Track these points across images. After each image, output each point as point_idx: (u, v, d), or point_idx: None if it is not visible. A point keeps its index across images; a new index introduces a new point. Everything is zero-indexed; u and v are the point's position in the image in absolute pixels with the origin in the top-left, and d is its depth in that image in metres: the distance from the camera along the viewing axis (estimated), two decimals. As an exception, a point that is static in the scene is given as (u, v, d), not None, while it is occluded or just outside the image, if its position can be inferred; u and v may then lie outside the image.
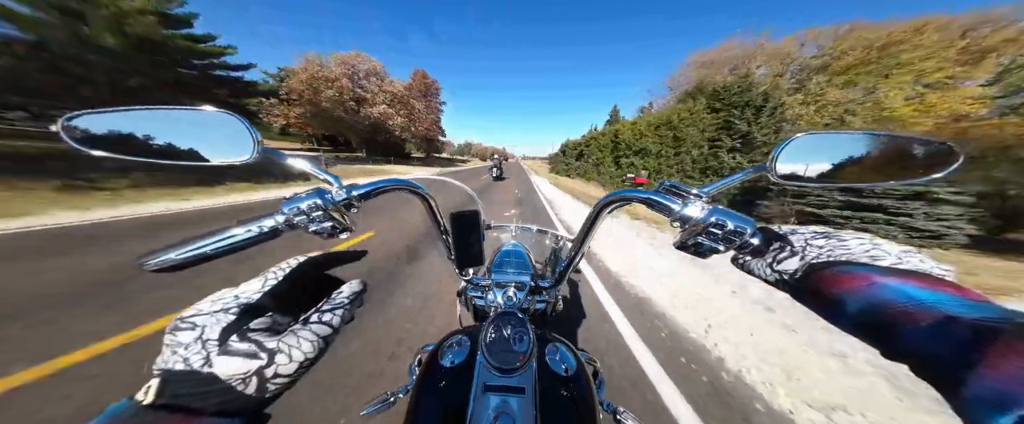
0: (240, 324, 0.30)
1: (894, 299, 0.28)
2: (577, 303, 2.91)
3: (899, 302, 0.27)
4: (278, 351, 0.30)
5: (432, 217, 0.76)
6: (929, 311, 0.25)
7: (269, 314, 0.33)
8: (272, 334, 0.32)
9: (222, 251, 0.41)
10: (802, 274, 0.36)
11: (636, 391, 1.92)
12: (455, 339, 0.66)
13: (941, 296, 0.26)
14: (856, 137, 0.46)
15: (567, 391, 0.57)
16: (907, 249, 0.34)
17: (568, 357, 0.62)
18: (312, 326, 0.34)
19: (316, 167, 0.52)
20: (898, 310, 0.27)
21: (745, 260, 0.44)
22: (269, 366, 0.29)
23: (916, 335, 0.25)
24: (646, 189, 0.53)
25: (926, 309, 0.26)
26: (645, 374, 2.05)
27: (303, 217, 0.47)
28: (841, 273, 0.32)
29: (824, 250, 0.36)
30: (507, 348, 0.59)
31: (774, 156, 0.48)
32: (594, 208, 0.63)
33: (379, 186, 0.56)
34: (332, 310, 0.36)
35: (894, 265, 0.32)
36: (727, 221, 0.43)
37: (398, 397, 0.79)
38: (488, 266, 1.11)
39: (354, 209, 0.53)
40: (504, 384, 0.54)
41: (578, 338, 2.38)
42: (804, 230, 0.41)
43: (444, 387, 0.58)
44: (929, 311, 0.25)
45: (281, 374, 0.30)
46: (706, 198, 0.49)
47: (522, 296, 0.91)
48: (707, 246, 0.46)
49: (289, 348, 0.31)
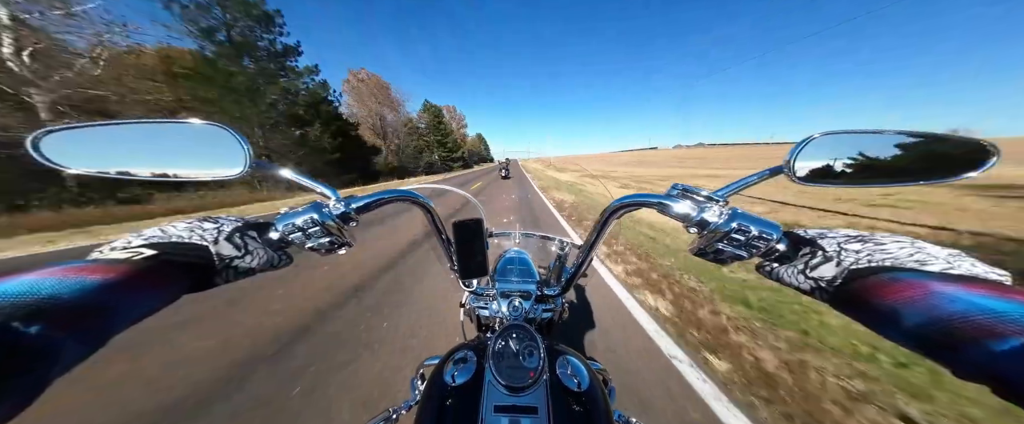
0: (242, 230, 0.41)
1: (963, 311, 0.25)
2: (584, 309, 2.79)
3: (971, 314, 0.24)
4: (248, 253, 0.40)
5: (434, 227, 0.74)
6: (1011, 325, 0.23)
7: (255, 231, 0.43)
8: (256, 243, 0.42)
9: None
10: (842, 281, 0.34)
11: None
12: (461, 354, 0.63)
13: (1019, 306, 0.24)
14: (878, 136, 0.44)
15: (581, 407, 0.55)
16: (955, 252, 0.31)
17: (580, 370, 0.60)
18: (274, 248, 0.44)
19: (312, 179, 0.50)
20: (970, 323, 0.24)
21: (772, 267, 0.42)
22: (242, 259, 0.39)
23: (998, 353, 0.22)
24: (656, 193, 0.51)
25: (1007, 322, 0.23)
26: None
27: (299, 234, 0.45)
28: (890, 280, 0.30)
29: (862, 255, 0.34)
30: (516, 364, 0.57)
31: (792, 156, 0.46)
32: (602, 215, 0.61)
33: (379, 197, 0.54)
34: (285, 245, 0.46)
35: (945, 270, 0.29)
36: (751, 226, 0.40)
37: (401, 413, 0.76)
38: (491, 274, 1.08)
39: (353, 223, 0.51)
40: (515, 404, 0.51)
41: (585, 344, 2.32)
42: (834, 233, 0.38)
43: (451, 407, 0.55)
44: (1011, 325, 0.23)
45: (241, 268, 0.39)
46: (723, 201, 0.46)
47: (528, 305, 0.88)
48: (729, 253, 0.43)
49: (255, 255, 0.40)
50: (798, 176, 0.47)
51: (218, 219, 0.40)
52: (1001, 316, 0.23)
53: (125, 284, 0.27)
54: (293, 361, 2.00)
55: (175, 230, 0.36)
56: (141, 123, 0.39)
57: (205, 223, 0.38)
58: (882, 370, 1.88)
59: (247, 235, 0.41)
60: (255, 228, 0.43)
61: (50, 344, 0.21)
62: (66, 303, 0.23)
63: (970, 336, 0.24)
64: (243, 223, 0.42)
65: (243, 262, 0.39)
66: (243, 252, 0.39)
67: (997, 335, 0.23)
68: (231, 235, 0.39)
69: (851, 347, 2.08)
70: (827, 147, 0.46)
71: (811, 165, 0.47)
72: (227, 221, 0.40)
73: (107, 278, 0.26)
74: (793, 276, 0.39)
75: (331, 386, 1.80)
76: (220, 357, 2.03)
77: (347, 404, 1.67)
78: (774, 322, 2.44)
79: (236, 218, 0.42)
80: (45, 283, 0.23)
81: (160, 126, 0.40)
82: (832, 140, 0.46)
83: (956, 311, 0.25)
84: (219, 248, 0.37)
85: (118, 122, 0.37)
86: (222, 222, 0.40)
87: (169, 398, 1.69)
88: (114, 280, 0.26)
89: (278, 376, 1.87)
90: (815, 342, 2.18)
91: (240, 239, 0.39)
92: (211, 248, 0.36)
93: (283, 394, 1.73)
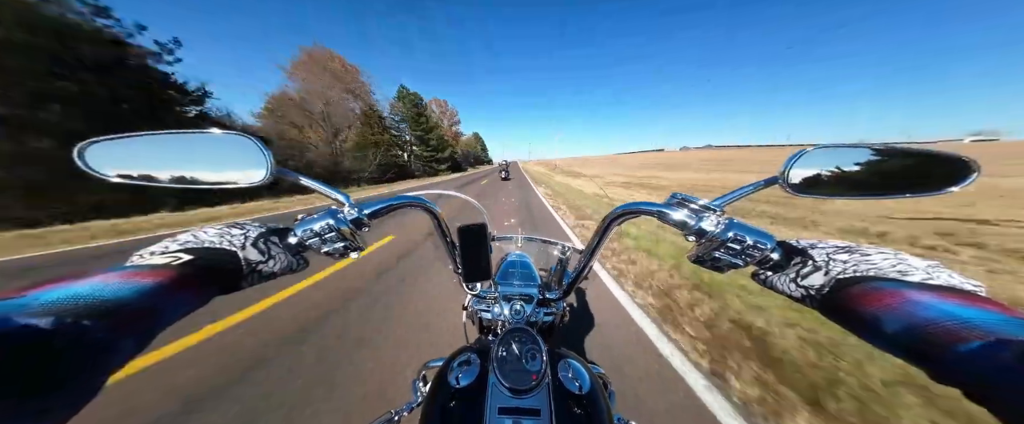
0: (265, 235, 0.43)
1: (936, 318, 0.27)
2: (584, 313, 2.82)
3: (942, 321, 0.26)
4: (271, 257, 0.42)
5: (439, 231, 0.76)
6: (976, 331, 0.24)
7: (276, 237, 0.45)
8: (278, 248, 0.44)
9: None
10: (829, 290, 0.36)
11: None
12: (464, 357, 0.64)
13: (985, 314, 0.26)
14: (868, 150, 0.46)
15: (582, 410, 0.56)
16: (934, 263, 0.33)
17: (582, 373, 0.61)
18: (292, 253, 0.46)
19: (327, 186, 0.52)
20: (942, 330, 0.26)
21: (767, 275, 0.44)
22: (266, 263, 0.41)
23: (966, 358, 0.24)
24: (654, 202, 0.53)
25: (972, 329, 0.25)
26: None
27: (316, 239, 0.47)
28: (872, 289, 0.32)
29: (849, 265, 0.36)
30: (519, 367, 0.58)
31: (786, 167, 0.48)
32: (603, 221, 0.63)
33: (390, 203, 0.56)
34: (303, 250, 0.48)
35: (924, 280, 0.31)
36: (746, 236, 0.42)
37: (403, 415, 0.77)
38: (493, 278, 1.09)
39: (365, 228, 0.53)
40: (518, 406, 0.53)
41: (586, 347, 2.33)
42: (825, 244, 0.40)
43: (455, 408, 0.56)
44: (976, 331, 0.24)
45: (264, 272, 0.41)
46: (720, 211, 0.48)
47: (529, 309, 0.90)
48: (726, 261, 0.46)
49: (277, 259, 0.42)
50: (792, 186, 0.49)
51: (244, 225, 0.42)
52: (966, 322, 0.25)
53: (169, 287, 0.29)
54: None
55: (206, 236, 0.38)
56: (172, 134, 0.41)
57: (233, 229, 0.40)
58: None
59: (270, 240, 0.43)
60: (276, 233, 0.45)
61: (112, 342, 0.24)
62: (124, 305, 0.25)
63: (941, 342, 0.25)
64: (266, 229, 0.44)
65: (267, 267, 0.41)
66: (267, 257, 0.41)
67: (962, 340, 0.24)
68: (256, 240, 0.41)
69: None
70: (820, 159, 0.48)
71: (805, 175, 0.49)
72: (252, 227, 0.42)
73: (157, 282, 0.28)
74: (785, 284, 0.41)
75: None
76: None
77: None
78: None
79: (260, 224, 0.44)
80: (109, 287, 0.25)
81: (187, 136, 0.43)
82: (825, 153, 0.48)
83: (929, 318, 0.27)
84: (246, 253, 0.39)
85: (152, 133, 0.40)
86: (248, 228, 0.42)
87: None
88: (161, 284, 0.28)
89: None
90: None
91: (264, 244, 0.41)
92: (239, 253, 0.38)
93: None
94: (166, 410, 1.78)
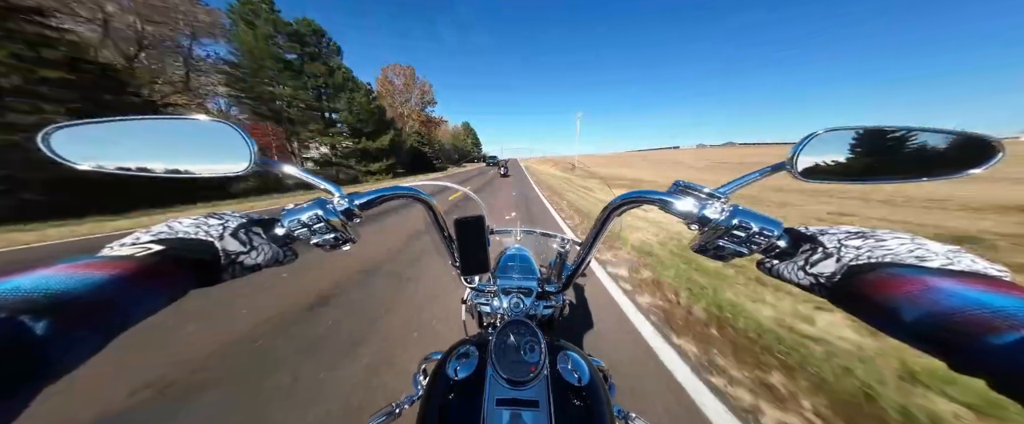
0: (247, 226, 0.41)
1: (961, 306, 0.25)
2: (583, 306, 2.85)
3: (968, 310, 0.24)
4: (254, 248, 0.40)
5: (436, 224, 0.74)
6: (1007, 320, 0.23)
7: (260, 228, 0.44)
8: (261, 239, 0.42)
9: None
10: (841, 277, 0.34)
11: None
12: (463, 349, 0.64)
13: (1017, 302, 0.24)
14: (882, 132, 0.44)
15: (581, 401, 0.55)
16: (955, 248, 0.31)
17: (581, 365, 0.60)
18: (279, 244, 0.45)
19: (315, 176, 0.50)
20: (968, 318, 0.24)
21: (773, 264, 0.42)
22: (248, 254, 0.39)
23: (998, 349, 0.22)
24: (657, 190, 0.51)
25: (1003, 317, 0.23)
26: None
27: (304, 230, 0.45)
28: (889, 276, 0.30)
29: (862, 251, 0.34)
30: (518, 358, 0.57)
31: (795, 152, 0.46)
32: (602, 212, 0.61)
33: (382, 194, 0.54)
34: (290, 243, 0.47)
35: (945, 266, 0.29)
36: (751, 223, 0.40)
37: (404, 408, 0.76)
38: (492, 271, 1.08)
39: (357, 219, 0.51)
40: (517, 397, 0.52)
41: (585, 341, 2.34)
42: (835, 230, 0.38)
43: (454, 401, 0.56)
44: (1007, 320, 0.23)
45: (246, 263, 0.40)
46: (724, 198, 0.46)
47: (528, 302, 0.89)
48: (730, 250, 0.44)
49: (260, 250, 0.41)
50: (800, 172, 0.47)
51: (223, 215, 0.41)
52: (998, 311, 0.23)
53: (131, 280, 0.27)
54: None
55: (181, 226, 0.36)
56: (148, 119, 0.39)
57: (210, 219, 0.39)
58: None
59: (252, 231, 0.41)
60: (260, 224, 0.44)
61: (59, 338, 0.22)
62: (74, 299, 0.24)
63: (968, 331, 0.24)
64: (248, 219, 0.42)
65: (248, 258, 0.39)
66: (248, 248, 0.39)
67: (994, 330, 0.23)
68: (236, 231, 0.39)
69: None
70: (831, 144, 0.46)
71: (814, 161, 0.47)
72: (232, 217, 0.41)
73: (113, 274, 0.27)
74: (793, 272, 0.39)
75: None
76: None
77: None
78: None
79: (241, 214, 0.43)
80: (54, 279, 0.24)
81: (167, 122, 0.41)
82: (835, 136, 0.46)
83: (954, 306, 0.25)
84: (224, 244, 0.37)
85: (126, 118, 0.38)
86: (227, 218, 0.40)
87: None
88: (120, 276, 0.27)
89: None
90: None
91: (245, 235, 0.40)
92: (217, 244, 0.36)
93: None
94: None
